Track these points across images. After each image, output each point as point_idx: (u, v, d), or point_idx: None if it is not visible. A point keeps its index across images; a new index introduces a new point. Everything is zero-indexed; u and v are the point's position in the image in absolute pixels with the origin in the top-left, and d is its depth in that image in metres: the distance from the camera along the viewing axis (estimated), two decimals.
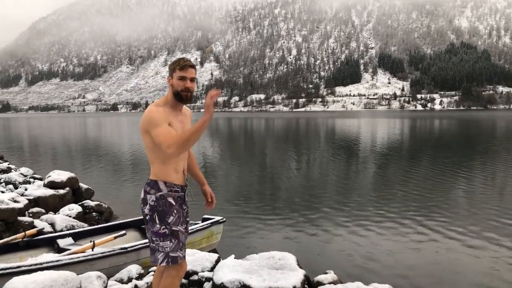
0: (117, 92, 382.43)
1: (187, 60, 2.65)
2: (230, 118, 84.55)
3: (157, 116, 2.50)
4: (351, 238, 6.04)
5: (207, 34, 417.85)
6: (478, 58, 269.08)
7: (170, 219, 2.57)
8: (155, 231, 2.56)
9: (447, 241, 5.79)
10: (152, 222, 2.57)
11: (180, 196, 2.67)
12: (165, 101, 2.66)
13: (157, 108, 2.57)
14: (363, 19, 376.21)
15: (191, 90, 2.66)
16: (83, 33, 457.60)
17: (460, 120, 60.44)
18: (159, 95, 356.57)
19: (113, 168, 13.77)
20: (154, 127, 2.47)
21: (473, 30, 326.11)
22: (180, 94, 2.62)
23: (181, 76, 2.60)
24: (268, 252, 4.19)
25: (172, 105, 2.65)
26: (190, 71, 2.63)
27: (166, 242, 2.56)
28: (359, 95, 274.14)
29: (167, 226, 2.56)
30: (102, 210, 6.94)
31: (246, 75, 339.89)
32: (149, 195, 2.59)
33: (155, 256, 2.60)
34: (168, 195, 2.59)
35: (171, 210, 2.59)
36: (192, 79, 2.64)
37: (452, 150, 18.64)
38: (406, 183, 10.29)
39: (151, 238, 2.60)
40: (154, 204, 2.57)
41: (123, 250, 4.23)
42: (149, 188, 2.60)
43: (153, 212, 2.57)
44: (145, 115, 2.54)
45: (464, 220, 6.78)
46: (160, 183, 2.60)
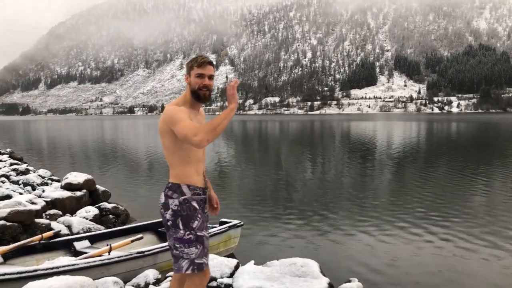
0: (133, 95, 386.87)
1: (205, 57, 2.56)
2: (245, 121, 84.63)
3: (178, 112, 2.44)
4: (372, 243, 5.92)
5: (222, 38, 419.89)
6: (497, 60, 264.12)
7: (194, 224, 2.47)
8: (179, 237, 2.46)
9: (472, 248, 5.64)
10: (175, 227, 2.47)
11: (202, 199, 2.58)
12: (183, 100, 2.59)
13: (177, 106, 2.51)
14: (379, 22, 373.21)
15: (210, 88, 2.56)
16: (101, 37, 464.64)
17: (478, 123, 59.33)
18: (174, 98, 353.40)
19: (130, 170, 13.88)
20: (177, 122, 2.39)
21: (491, 32, 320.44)
22: (198, 92, 2.53)
23: (199, 74, 2.51)
24: (289, 259, 4.03)
25: (191, 104, 2.58)
26: (208, 68, 2.53)
27: (191, 249, 2.46)
28: (375, 97, 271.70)
29: (192, 232, 2.46)
30: (118, 212, 6.92)
31: (261, 78, 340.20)
32: (171, 199, 2.48)
33: (178, 263, 2.49)
34: (191, 198, 2.50)
35: (195, 214, 2.49)
36: (210, 77, 2.54)
37: (470, 154, 18.30)
38: (426, 186, 10.08)
39: (174, 244, 2.49)
40: (177, 209, 2.46)
41: (140, 254, 4.14)
42: (171, 192, 2.50)
43: (176, 217, 2.47)
44: (165, 114, 2.47)
45: (494, 226, 6.61)
46: (183, 186, 2.50)
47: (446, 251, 5.55)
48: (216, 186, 10.58)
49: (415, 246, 5.74)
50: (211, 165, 15.10)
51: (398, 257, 5.35)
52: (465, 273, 4.91)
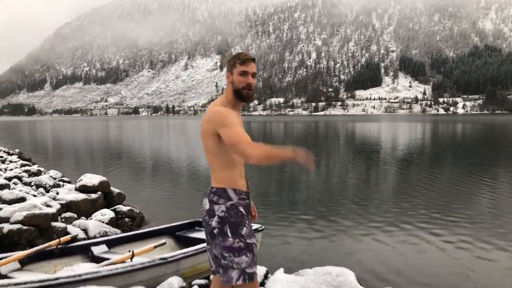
0: (138, 96, 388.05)
1: (247, 53, 2.45)
2: (250, 122, 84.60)
3: (229, 116, 2.31)
4: (402, 248, 5.69)
5: (227, 38, 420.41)
6: (503, 61, 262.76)
7: (243, 230, 2.34)
8: (227, 245, 2.31)
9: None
10: (223, 235, 2.33)
11: (247, 205, 2.47)
12: (226, 100, 2.46)
13: (227, 109, 2.37)
14: (383, 22, 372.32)
15: (253, 87, 2.45)
16: (106, 37, 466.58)
17: (484, 124, 58.94)
18: (179, 99, 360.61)
19: (140, 171, 13.79)
20: (227, 126, 2.26)
21: (497, 33, 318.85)
22: (241, 92, 2.42)
23: (243, 71, 2.41)
24: (323, 267, 3.87)
25: (233, 105, 2.46)
26: (252, 65, 2.43)
27: (242, 257, 2.31)
28: (380, 98, 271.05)
29: (241, 239, 2.33)
30: (134, 215, 6.80)
31: (266, 78, 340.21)
32: (217, 205, 2.35)
33: (228, 274, 2.32)
34: (238, 204, 2.38)
35: (243, 220, 2.37)
36: (253, 75, 2.44)
37: (476, 156, 18.12)
38: (451, 191, 9.99)
39: (222, 254, 2.33)
40: (224, 215, 2.33)
41: (163, 261, 3.98)
42: (217, 197, 2.36)
43: (223, 225, 2.33)
44: (212, 115, 2.33)
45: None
46: (229, 191, 2.37)
47: (476, 258, 5.39)
48: None
49: (446, 251, 5.62)
50: None
51: (431, 264, 5.19)
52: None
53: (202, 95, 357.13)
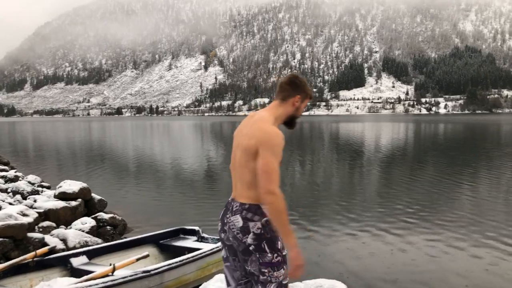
0: (121, 96, 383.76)
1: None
2: (234, 122, 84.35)
3: (281, 144, 2.21)
4: (395, 257, 5.57)
5: (211, 39, 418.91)
6: (483, 62, 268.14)
7: (279, 244, 2.30)
8: (267, 261, 2.27)
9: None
10: (261, 252, 2.27)
11: None
12: (275, 120, 2.35)
13: (279, 131, 2.26)
14: (367, 23, 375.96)
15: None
16: (88, 37, 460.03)
17: (465, 124, 59.96)
18: (163, 99, 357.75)
19: (124, 175, 13.47)
20: (272, 153, 2.18)
21: (477, 34, 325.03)
22: (294, 120, 2.42)
23: (307, 105, 2.41)
24: (314, 280, 3.77)
25: (279, 124, 2.39)
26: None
27: (280, 271, 2.30)
28: (363, 99, 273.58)
29: (279, 253, 2.30)
30: (116, 223, 6.54)
31: (250, 79, 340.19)
32: (252, 222, 2.27)
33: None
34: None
35: (277, 234, 2.30)
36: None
37: (457, 155, 18.28)
38: (435, 191, 9.98)
39: (261, 270, 2.28)
40: (260, 232, 2.26)
41: (146, 274, 3.80)
42: (251, 214, 2.28)
43: (260, 241, 2.26)
44: (269, 136, 2.21)
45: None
46: (263, 207, 2.29)
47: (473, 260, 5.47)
48: (216, 196, 10.28)
49: (435, 255, 5.63)
50: (208, 173, 14.84)
51: (421, 270, 5.12)
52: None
53: (187, 95, 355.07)
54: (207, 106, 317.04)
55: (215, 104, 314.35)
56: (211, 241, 5.12)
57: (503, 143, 25.97)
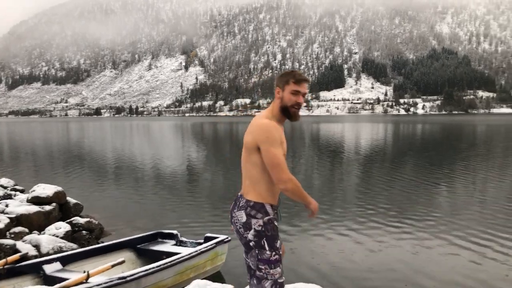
0: (100, 97, 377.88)
1: (302, 73, 2.47)
2: (215, 123, 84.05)
3: (275, 134, 2.32)
4: (374, 258, 5.56)
5: (192, 39, 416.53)
6: (459, 64, 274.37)
7: (278, 243, 2.41)
8: (265, 258, 2.37)
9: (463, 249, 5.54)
10: (260, 248, 2.38)
11: (277, 218, 2.50)
12: (271, 114, 2.45)
13: (273, 123, 2.37)
14: (347, 25, 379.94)
15: (301, 106, 2.48)
16: (65, 37, 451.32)
17: (442, 124, 61.17)
18: (143, 99, 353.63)
19: (101, 178, 13.21)
20: (270, 144, 2.29)
21: (453, 36, 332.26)
22: (289, 109, 2.43)
23: (295, 91, 2.42)
24: (293, 285, 3.71)
25: (278, 120, 2.46)
26: (305, 85, 2.45)
27: (276, 269, 2.39)
28: (343, 99, 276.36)
29: (277, 252, 2.40)
30: (92, 227, 6.37)
31: (231, 79, 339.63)
32: (255, 219, 2.37)
33: (261, 285, 2.40)
34: (274, 218, 2.42)
35: (277, 233, 2.43)
36: (304, 95, 2.46)
37: (434, 156, 18.61)
38: (410, 190, 10.11)
39: (258, 266, 2.39)
40: (261, 229, 2.37)
41: (122, 280, 3.68)
42: (255, 211, 2.38)
43: (260, 238, 2.37)
44: (261, 128, 2.33)
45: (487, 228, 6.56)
46: (267, 206, 2.40)
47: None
48: (195, 199, 10.18)
49: (414, 254, 5.64)
50: (188, 175, 14.70)
51: (401, 270, 5.13)
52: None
53: (167, 95, 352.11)
54: (188, 107, 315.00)
55: (196, 104, 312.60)
56: (190, 245, 5.04)
57: (478, 144, 26.57)
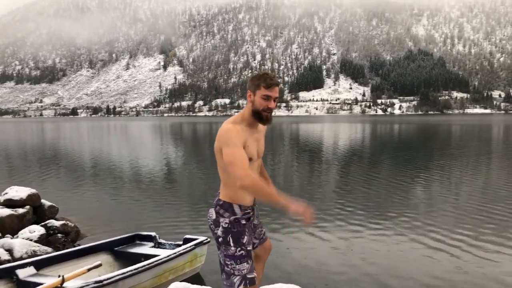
0: (76, 96, 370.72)
1: (273, 77, 2.50)
2: (194, 123, 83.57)
3: (233, 135, 2.36)
4: (352, 256, 5.60)
5: (170, 38, 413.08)
6: (435, 65, 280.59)
7: (244, 239, 2.49)
8: (230, 254, 2.46)
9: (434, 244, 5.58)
10: (226, 244, 2.47)
11: (250, 216, 2.58)
12: (241, 118, 2.50)
13: (234, 126, 2.42)
14: (325, 26, 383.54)
15: (272, 110, 2.50)
16: (40, 35, 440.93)
17: (418, 124, 62.40)
18: (120, 99, 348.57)
19: (77, 179, 12.94)
20: (228, 145, 2.34)
21: (429, 38, 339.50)
22: (260, 113, 2.47)
23: (266, 96, 2.44)
24: (272, 286, 3.72)
25: (250, 123, 2.51)
26: (276, 90, 2.47)
27: (243, 264, 2.46)
28: (322, 100, 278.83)
29: (243, 247, 2.47)
30: (68, 230, 6.20)
31: (211, 79, 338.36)
32: (222, 217, 2.49)
33: (230, 280, 2.47)
34: (242, 218, 2.50)
35: (245, 229, 2.50)
36: (275, 99, 2.48)
37: (410, 155, 18.97)
38: (384, 188, 10.26)
39: (225, 262, 2.48)
40: (228, 227, 2.47)
41: (99, 284, 3.59)
42: (223, 210, 2.50)
43: (226, 235, 2.47)
44: (220, 133, 2.41)
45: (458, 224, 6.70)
46: (235, 206, 2.49)
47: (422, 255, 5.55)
48: (174, 200, 10.08)
49: (396, 253, 5.64)
50: (166, 176, 14.56)
51: (379, 268, 5.17)
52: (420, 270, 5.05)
53: (145, 95, 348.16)
54: (167, 107, 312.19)
55: (174, 104, 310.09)
56: (169, 247, 4.99)
57: (452, 143, 27.20)
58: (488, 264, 5.17)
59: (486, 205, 8.34)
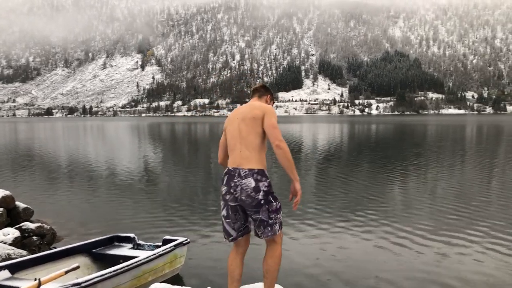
0: (51, 96, 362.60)
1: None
2: (173, 123, 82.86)
3: (276, 115, 3.08)
4: (330, 255, 5.63)
5: (148, 37, 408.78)
6: (411, 66, 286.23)
7: (276, 195, 3.04)
8: (274, 209, 2.98)
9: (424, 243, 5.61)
10: (269, 203, 2.96)
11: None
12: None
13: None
14: (304, 27, 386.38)
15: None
16: (13, 33, 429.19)
17: (394, 124, 63.53)
18: (97, 99, 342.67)
19: (53, 181, 12.64)
20: (274, 117, 3.03)
21: (405, 40, 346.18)
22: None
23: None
24: (252, 285, 3.75)
25: None
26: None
27: (280, 213, 3.03)
28: (301, 100, 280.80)
29: (278, 201, 3.02)
30: (44, 232, 6.02)
31: (189, 79, 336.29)
32: (261, 182, 2.94)
33: (274, 229, 2.99)
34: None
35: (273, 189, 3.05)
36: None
37: (388, 154, 19.30)
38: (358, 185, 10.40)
39: (269, 216, 2.96)
40: (267, 189, 2.95)
41: (77, 286, 3.52)
42: (260, 176, 2.95)
43: (267, 196, 2.95)
44: (266, 107, 3.09)
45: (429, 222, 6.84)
46: (266, 171, 3.01)
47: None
48: (152, 201, 9.98)
49: (371, 250, 5.66)
50: (144, 177, 14.39)
51: (358, 266, 5.23)
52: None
53: (122, 95, 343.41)
54: (144, 107, 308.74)
55: (152, 104, 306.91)
56: (148, 248, 4.94)
57: (427, 143, 27.77)
58: (460, 261, 5.24)
59: (458, 204, 8.53)
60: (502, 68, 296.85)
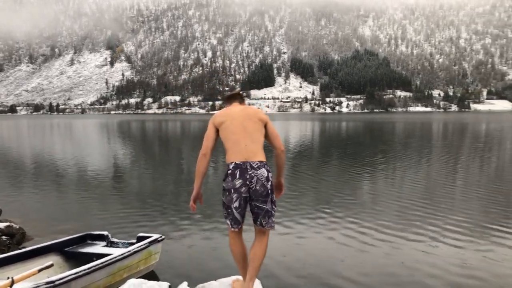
0: (15, 93, 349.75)
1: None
2: (144, 121, 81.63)
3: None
4: (306, 249, 5.74)
5: (117, 34, 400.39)
6: (380, 65, 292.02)
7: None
8: (275, 199, 3.25)
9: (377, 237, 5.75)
10: (273, 193, 3.23)
11: None
12: None
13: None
14: (275, 24, 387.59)
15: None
16: None
17: (364, 122, 64.80)
18: (64, 96, 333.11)
19: (20, 179, 12.30)
20: (273, 123, 3.38)
21: (374, 39, 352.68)
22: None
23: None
24: (229, 278, 3.74)
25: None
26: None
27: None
28: (273, 98, 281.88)
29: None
30: (13, 232, 5.90)
31: (160, 76, 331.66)
32: (270, 172, 3.22)
33: (272, 220, 3.25)
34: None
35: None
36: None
37: (357, 150, 19.74)
38: (327, 181, 10.63)
39: (273, 207, 3.23)
40: (272, 180, 3.24)
41: (50, 285, 3.47)
42: (268, 167, 3.23)
43: (272, 186, 3.22)
44: (263, 113, 3.43)
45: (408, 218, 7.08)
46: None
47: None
48: (124, 198, 9.90)
49: (349, 245, 5.73)
50: (116, 175, 14.22)
51: (333, 262, 5.33)
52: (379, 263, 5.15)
53: (91, 92, 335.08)
54: (114, 104, 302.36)
55: (122, 101, 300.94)
56: (122, 245, 4.93)
57: (396, 140, 28.52)
58: (432, 257, 5.35)
59: (422, 200, 8.86)
60: (466, 68, 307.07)
